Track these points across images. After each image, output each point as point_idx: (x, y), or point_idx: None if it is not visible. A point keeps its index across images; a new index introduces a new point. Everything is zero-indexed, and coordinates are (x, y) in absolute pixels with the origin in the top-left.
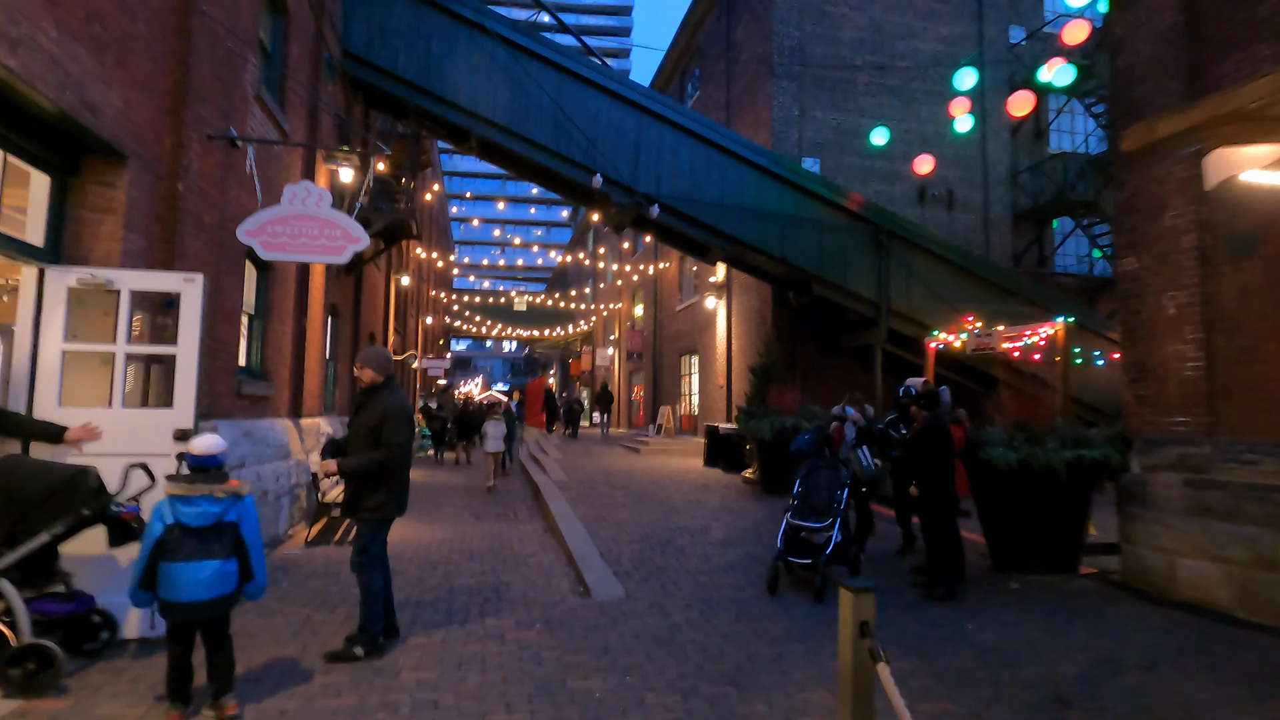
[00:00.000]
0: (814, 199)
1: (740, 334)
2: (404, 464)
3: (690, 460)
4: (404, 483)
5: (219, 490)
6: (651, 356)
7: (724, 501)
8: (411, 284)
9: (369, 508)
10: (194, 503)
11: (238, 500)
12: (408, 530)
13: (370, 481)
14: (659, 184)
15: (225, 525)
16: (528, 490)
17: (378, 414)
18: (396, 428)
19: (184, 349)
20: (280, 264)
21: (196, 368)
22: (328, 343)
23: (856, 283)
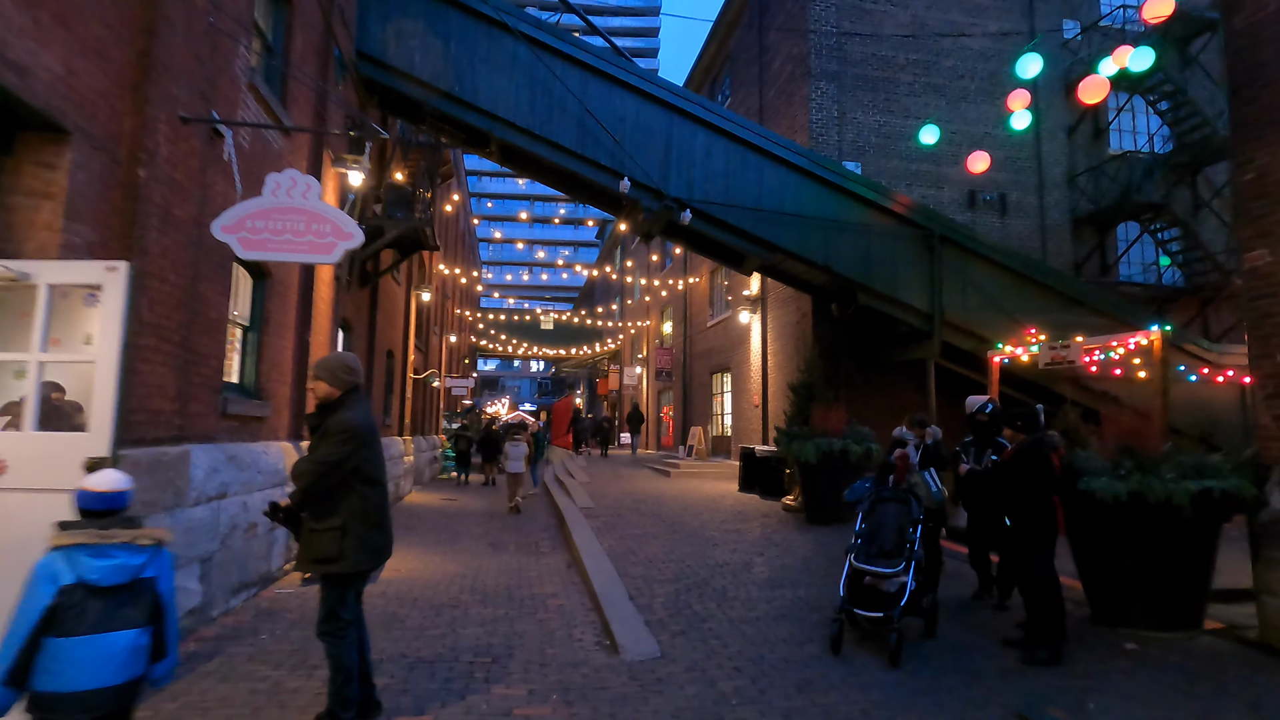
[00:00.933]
0: (858, 202)
1: (777, 350)
2: (374, 502)
3: (724, 484)
4: (377, 524)
5: (143, 537)
6: (681, 375)
7: (765, 532)
8: (434, 300)
9: (325, 559)
10: (108, 554)
11: (158, 551)
12: (417, 563)
13: (323, 523)
14: (690, 188)
15: (143, 583)
16: (551, 516)
17: (323, 431)
18: (332, 444)
19: (103, 355)
20: (280, 271)
21: (117, 380)
22: None
23: (906, 292)
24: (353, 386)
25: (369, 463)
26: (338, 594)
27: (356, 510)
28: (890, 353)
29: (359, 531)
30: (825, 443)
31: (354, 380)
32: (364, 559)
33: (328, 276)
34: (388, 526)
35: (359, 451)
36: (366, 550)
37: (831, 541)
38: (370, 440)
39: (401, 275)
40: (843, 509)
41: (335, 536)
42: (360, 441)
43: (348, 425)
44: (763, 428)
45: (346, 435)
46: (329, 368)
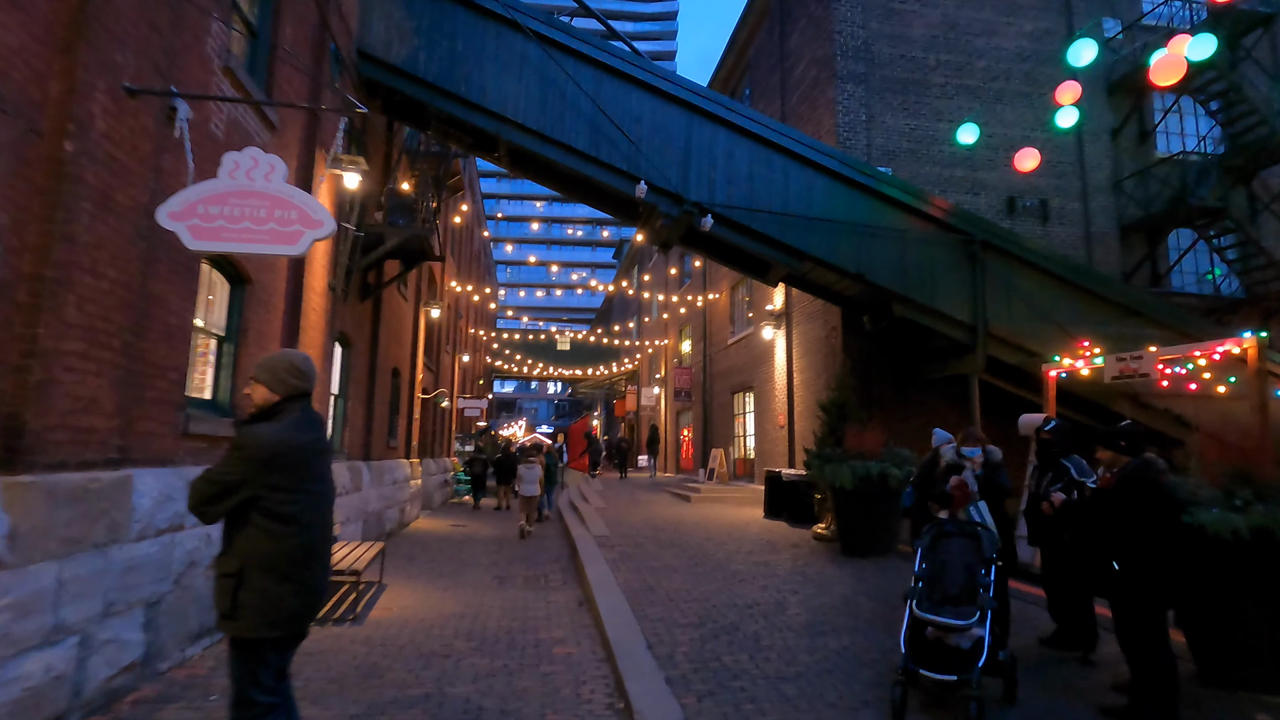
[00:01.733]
0: (892, 206)
1: (803, 367)
2: (287, 546)
3: (748, 510)
4: (289, 576)
5: None
6: (701, 395)
7: (797, 566)
8: (445, 318)
9: (220, 612)
10: None
11: None
12: (412, 600)
13: (219, 566)
14: (712, 192)
15: None
16: (564, 545)
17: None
18: (230, 461)
19: None
20: (263, 276)
21: None
22: (333, 376)
23: (947, 302)
24: (297, 393)
25: (280, 493)
26: (245, 668)
27: (258, 554)
28: (927, 369)
29: (260, 584)
30: (862, 466)
31: (300, 385)
32: (264, 622)
33: (320, 286)
34: (311, 581)
35: (263, 476)
36: (269, 609)
37: (872, 577)
38: (290, 465)
39: (410, 290)
40: (881, 539)
41: (228, 586)
42: (266, 464)
43: (255, 441)
44: (788, 450)
45: (249, 453)
46: (269, 367)
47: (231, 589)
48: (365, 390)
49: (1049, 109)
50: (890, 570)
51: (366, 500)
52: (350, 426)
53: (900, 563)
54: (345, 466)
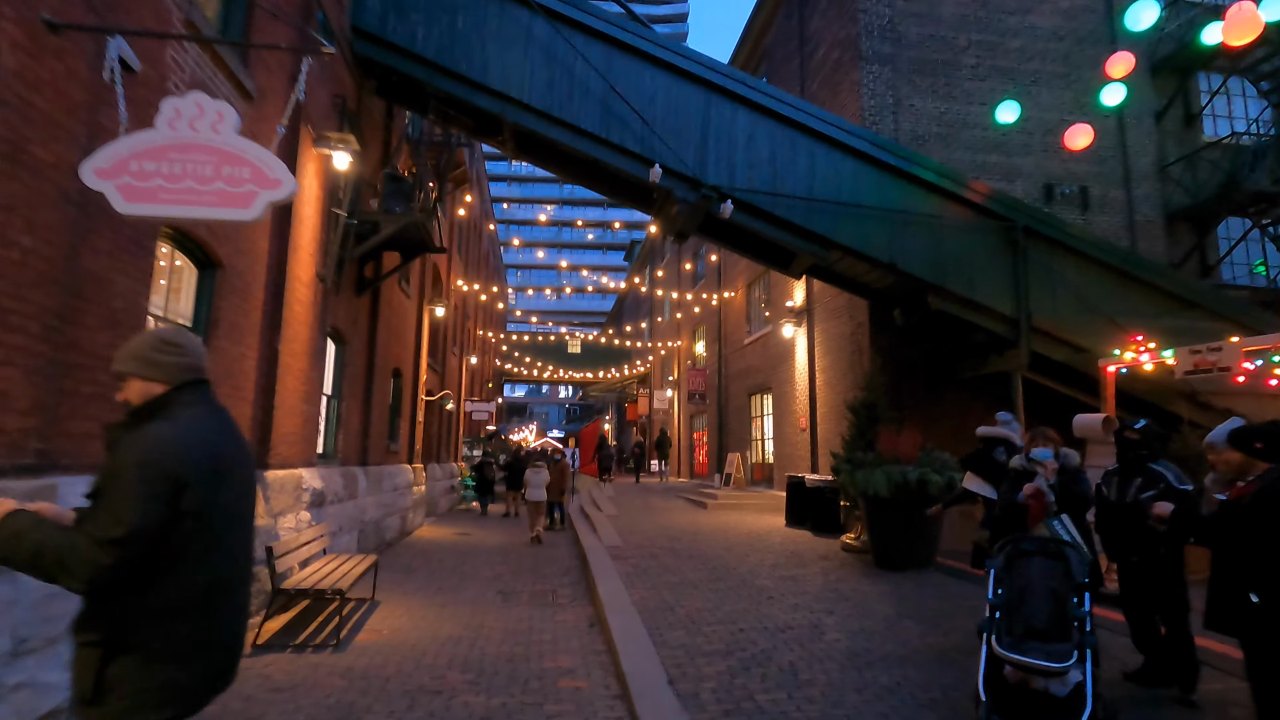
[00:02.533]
0: (927, 190)
1: (827, 366)
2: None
3: (768, 518)
4: (212, 624)
5: None
6: (716, 397)
7: (829, 581)
8: (452, 318)
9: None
10: None
11: None
12: (405, 620)
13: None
14: (731, 175)
15: None
16: (574, 556)
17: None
18: (121, 500)
19: None
20: (237, 262)
21: None
22: (323, 375)
23: (987, 294)
24: (191, 379)
25: (185, 522)
26: None
27: (139, 610)
28: (964, 366)
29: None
30: (898, 472)
31: (188, 364)
32: (147, 705)
33: (307, 276)
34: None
35: (187, 494)
36: (154, 687)
37: (914, 595)
38: (204, 481)
39: (412, 288)
40: (920, 552)
41: (90, 659)
42: (175, 483)
43: (158, 450)
44: (811, 454)
45: (152, 471)
46: (131, 352)
47: (96, 663)
48: (362, 390)
49: (1088, 90)
50: (931, 587)
51: (363, 508)
52: (345, 429)
53: (942, 578)
54: (339, 472)
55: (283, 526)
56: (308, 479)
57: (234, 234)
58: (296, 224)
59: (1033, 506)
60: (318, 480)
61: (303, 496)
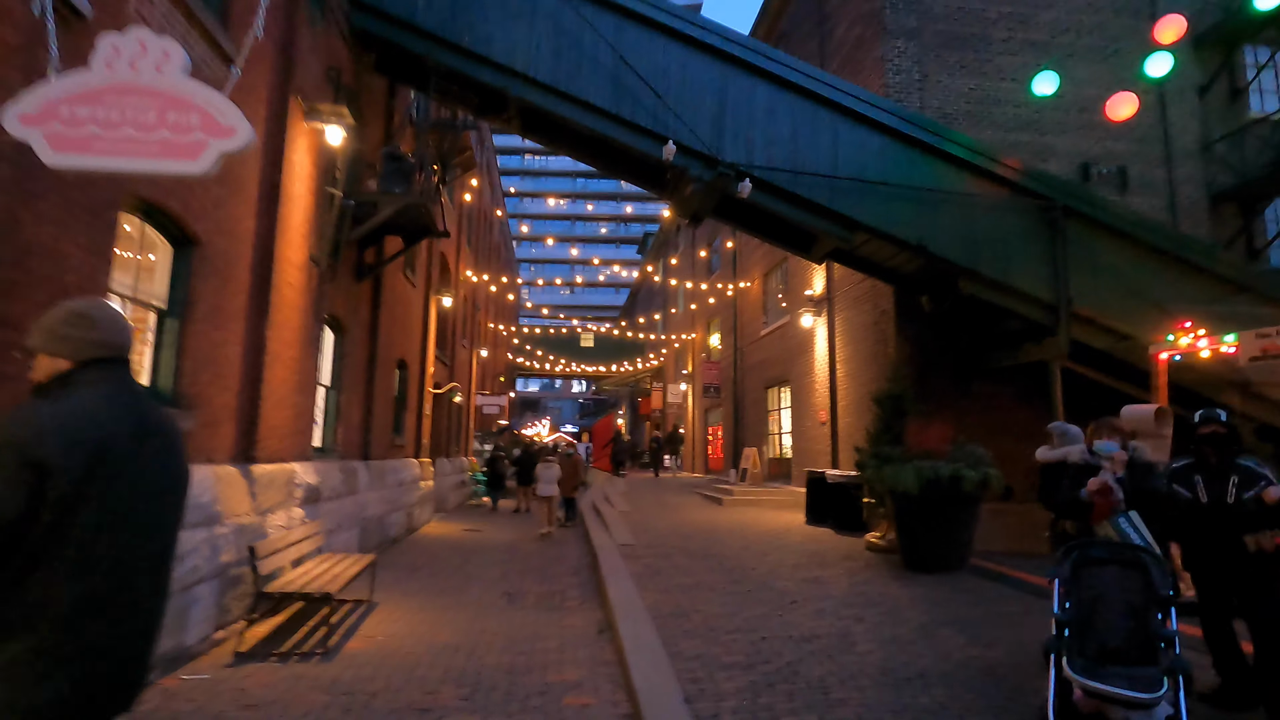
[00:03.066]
0: (958, 167)
1: (848, 357)
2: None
3: (786, 515)
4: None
5: None
6: (732, 391)
7: (855, 583)
8: (461, 309)
9: None
10: None
11: None
12: (402, 625)
13: None
14: (750, 152)
15: None
16: (584, 554)
17: None
18: None
19: None
20: (217, 240)
21: None
22: (319, 365)
23: (1023, 278)
24: (100, 356)
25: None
26: None
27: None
28: (996, 356)
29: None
30: (929, 467)
31: (96, 342)
32: None
33: (299, 258)
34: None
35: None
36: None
37: (947, 599)
38: (83, 465)
39: (418, 277)
40: (952, 553)
41: None
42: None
43: (12, 434)
44: (831, 448)
45: (3, 456)
46: (42, 326)
47: None
48: (363, 382)
49: (1126, 64)
50: (966, 591)
51: (363, 504)
52: (344, 422)
53: (976, 581)
54: (338, 467)
55: (272, 524)
56: (301, 474)
57: (213, 209)
58: (286, 202)
59: (1098, 504)
60: (312, 475)
61: (295, 492)
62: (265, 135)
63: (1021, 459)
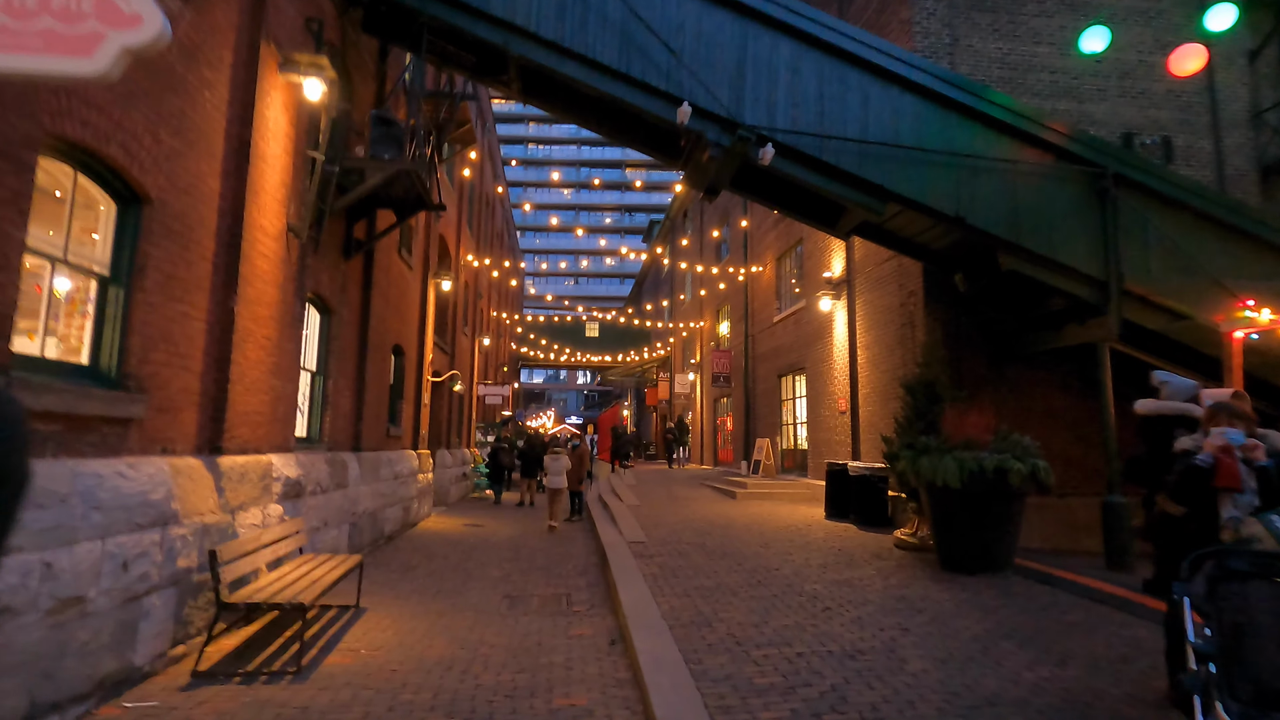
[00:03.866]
0: (999, 132)
1: (870, 342)
2: None
3: (804, 509)
4: None
5: None
6: (743, 380)
7: (890, 586)
8: (460, 295)
9: None
10: None
11: None
12: (390, 634)
13: None
14: (772, 114)
15: None
16: (591, 550)
17: None
18: None
19: None
20: (172, 198)
21: None
22: (300, 347)
23: (1069, 252)
24: None
25: None
26: None
27: None
28: (1036, 339)
29: None
30: (972, 459)
31: None
32: None
33: (274, 226)
34: None
35: None
36: None
37: (998, 606)
38: None
39: (415, 259)
40: (995, 553)
41: None
42: None
43: None
44: (851, 439)
45: None
46: None
47: None
48: (354, 368)
49: (1171, 26)
50: (1017, 596)
51: (355, 499)
52: (333, 411)
53: (1026, 584)
54: (324, 459)
55: (243, 523)
56: (279, 466)
57: (166, 162)
58: (258, 163)
59: (1222, 464)
60: (293, 468)
61: (272, 487)
62: (232, 85)
63: (1061, 449)
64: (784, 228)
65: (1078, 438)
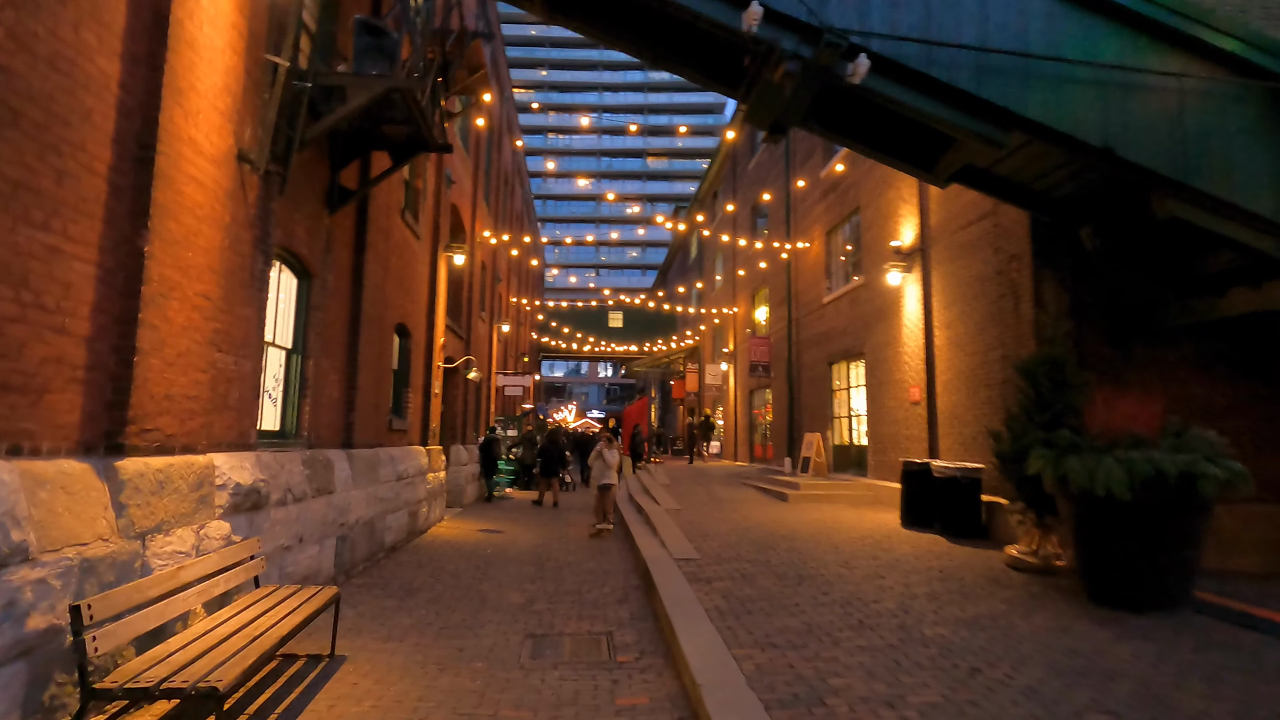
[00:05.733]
0: (1154, 38)
1: (952, 320)
2: None
3: (871, 514)
4: None
5: None
6: (785, 368)
7: (1040, 631)
8: (477, 276)
9: None
10: None
11: None
12: (368, 702)
13: None
14: (864, 15)
15: None
16: (630, 568)
17: None
18: None
19: None
20: (19, 72)
21: None
22: (264, 314)
23: (1249, 193)
24: None
25: None
26: None
27: None
28: (1181, 309)
29: None
30: (1145, 460)
31: None
32: None
33: (214, 148)
34: None
35: None
36: None
37: (1207, 665)
38: None
39: (424, 227)
40: (1170, 584)
41: None
42: None
43: None
44: (928, 434)
45: None
46: None
47: None
48: (343, 346)
49: None
50: (1224, 646)
51: (344, 507)
52: (313, 398)
53: (1222, 629)
54: (299, 458)
55: (161, 552)
56: (227, 470)
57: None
58: (183, 49)
59: None
60: (249, 471)
61: (214, 498)
62: None
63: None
64: (835, 198)
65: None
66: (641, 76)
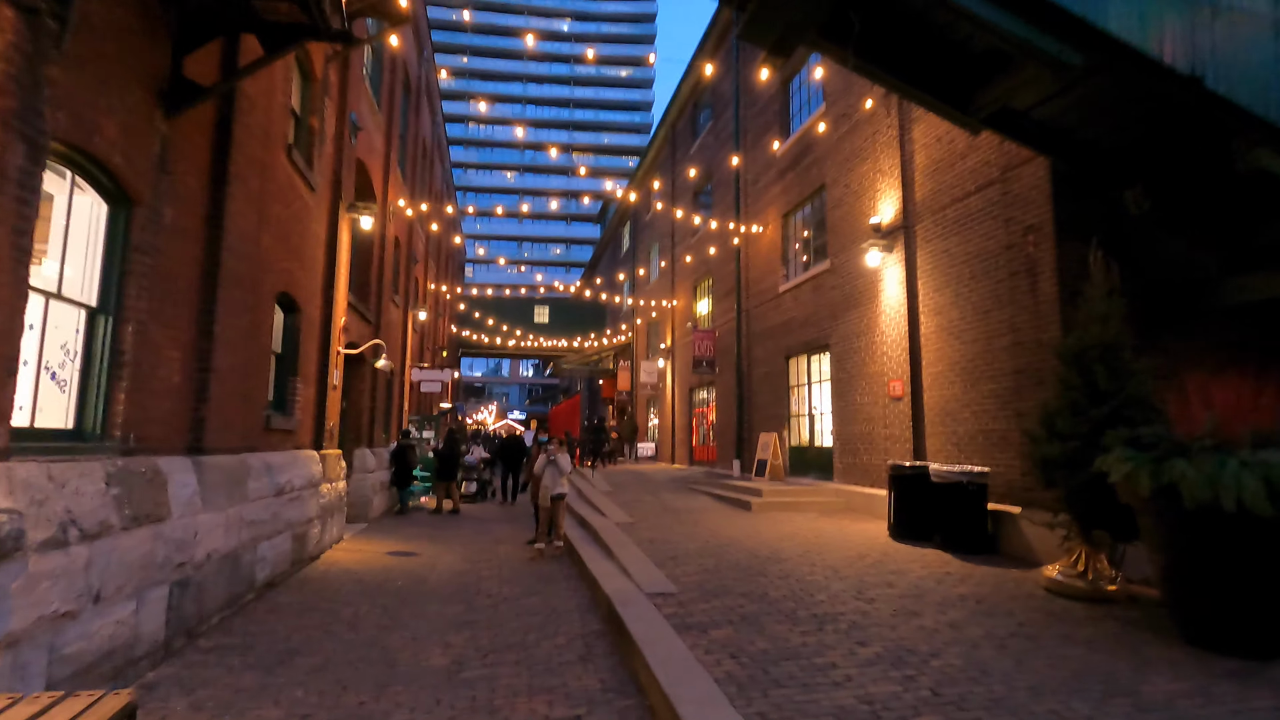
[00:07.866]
0: None
1: (944, 305)
2: None
3: (851, 524)
4: None
5: None
6: (734, 363)
7: (1159, 691)
8: (387, 250)
9: None
10: None
11: None
12: None
13: None
14: None
15: None
16: (586, 606)
17: None
18: None
19: None
20: None
21: None
22: (30, 246)
23: None
24: None
25: None
26: None
27: None
28: (1233, 286)
29: None
30: (1273, 461)
31: None
32: None
33: None
34: None
35: None
36: None
37: None
38: None
39: (321, 176)
40: None
41: None
42: None
43: None
44: (913, 433)
45: None
46: None
47: None
48: (191, 312)
49: None
50: None
51: (183, 540)
52: (134, 381)
53: None
54: (106, 470)
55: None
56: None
57: None
58: None
59: None
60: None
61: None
62: None
63: None
64: (794, 176)
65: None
66: (568, 70)
